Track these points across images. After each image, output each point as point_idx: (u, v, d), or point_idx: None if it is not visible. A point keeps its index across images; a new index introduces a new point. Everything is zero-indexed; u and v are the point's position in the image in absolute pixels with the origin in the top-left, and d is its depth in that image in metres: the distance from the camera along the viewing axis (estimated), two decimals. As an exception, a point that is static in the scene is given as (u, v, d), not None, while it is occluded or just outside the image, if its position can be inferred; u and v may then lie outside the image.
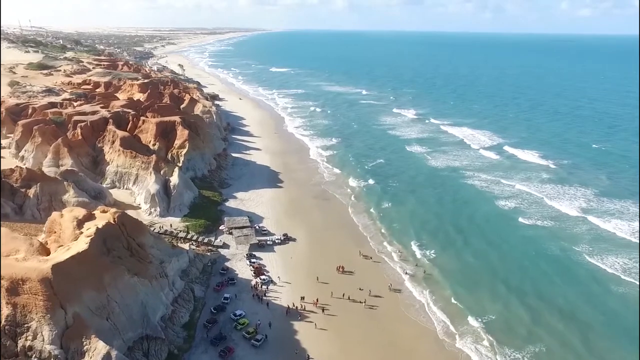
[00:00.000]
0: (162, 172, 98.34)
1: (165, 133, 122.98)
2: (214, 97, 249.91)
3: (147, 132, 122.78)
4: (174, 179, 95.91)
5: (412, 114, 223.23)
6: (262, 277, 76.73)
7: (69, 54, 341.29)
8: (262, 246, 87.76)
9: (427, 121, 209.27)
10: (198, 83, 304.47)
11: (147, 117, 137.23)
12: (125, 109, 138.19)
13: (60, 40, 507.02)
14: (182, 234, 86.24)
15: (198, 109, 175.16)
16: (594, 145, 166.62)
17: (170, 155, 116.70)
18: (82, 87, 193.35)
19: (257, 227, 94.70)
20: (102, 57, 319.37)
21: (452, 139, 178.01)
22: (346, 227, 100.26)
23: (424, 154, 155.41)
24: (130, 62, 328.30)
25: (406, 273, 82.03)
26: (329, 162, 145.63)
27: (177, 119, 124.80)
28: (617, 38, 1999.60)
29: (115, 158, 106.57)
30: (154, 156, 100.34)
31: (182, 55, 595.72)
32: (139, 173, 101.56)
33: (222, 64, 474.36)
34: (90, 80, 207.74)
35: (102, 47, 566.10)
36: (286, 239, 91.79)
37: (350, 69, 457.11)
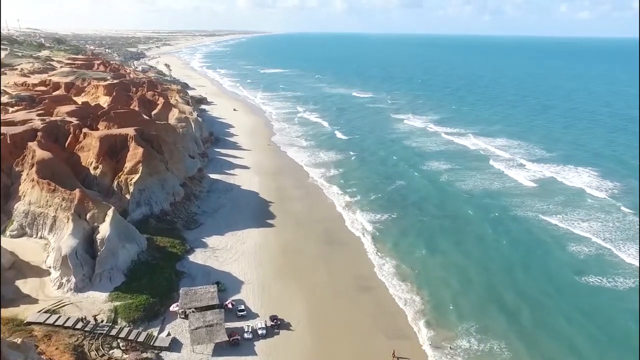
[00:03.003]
0: (88, 217, 64.97)
1: (114, 152, 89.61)
2: (200, 101, 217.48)
3: (89, 150, 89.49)
4: (104, 229, 62.45)
5: (418, 122, 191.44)
6: None
7: (44, 53, 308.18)
8: (235, 344, 54.35)
9: (433, 129, 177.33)
10: (186, 84, 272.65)
11: (97, 128, 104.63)
12: (69, 118, 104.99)
13: (42, 39, 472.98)
14: (102, 328, 52.75)
15: (173, 116, 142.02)
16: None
17: (117, 183, 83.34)
18: (37, 88, 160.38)
19: (231, 306, 61.37)
20: (79, 57, 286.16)
21: (468, 153, 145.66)
22: (367, 296, 67.03)
23: (444, 174, 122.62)
24: (112, 62, 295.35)
25: (474, 400, 48.88)
26: (334, 185, 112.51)
27: (130, 131, 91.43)
28: (617, 40, 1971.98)
29: (28, 191, 73.17)
30: (77, 191, 66.70)
31: (176, 56, 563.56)
32: (58, 215, 68.12)
33: (216, 65, 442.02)
34: (49, 80, 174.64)
35: (92, 47, 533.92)
36: (275, 326, 58.46)
37: (352, 71, 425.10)
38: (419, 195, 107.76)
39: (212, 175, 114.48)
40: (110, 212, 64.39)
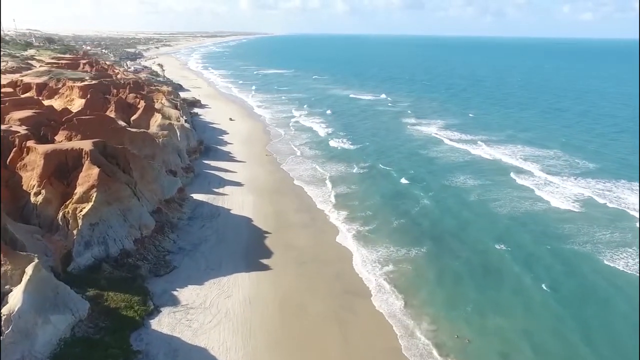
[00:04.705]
0: (-3, 276, 45.00)
1: (64, 172, 69.78)
2: (193, 104, 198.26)
3: (32, 170, 69.74)
4: (15, 298, 42.48)
5: (424, 127, 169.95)
6: None
7: (30, 52, 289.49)
8: None
9: (441, 136, 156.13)
10: (179, 86, 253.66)
11: (54, 139, 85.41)
12: (17, 127, 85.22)
13: (33, 39, 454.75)
14: None
15: (155, 122, 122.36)
16: None
17: (62, 214, 63.51)
18: (3, 89, 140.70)
19: (200, 416, 41.37)
20: (65, 56, 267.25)
21: (485, 164, 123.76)
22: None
23: (461, 194, 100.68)
24: (101, 62, 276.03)
25: None
26: (345, 210, 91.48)
27: (86, 145, 71.55)
28: (620, 42, 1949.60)
29: None
30: (-16, 239, 47.00)
31: (174, 56, 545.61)
32: (-39, 271, 48.18)
33: (214, 66, 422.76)
34: (20, 81, 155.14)
35: (88, 47, 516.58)
36: None
37: (352, 71, 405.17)
38: (437, 223, 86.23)
39: (197, 196, 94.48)
40: (29, 269, 44.44)
